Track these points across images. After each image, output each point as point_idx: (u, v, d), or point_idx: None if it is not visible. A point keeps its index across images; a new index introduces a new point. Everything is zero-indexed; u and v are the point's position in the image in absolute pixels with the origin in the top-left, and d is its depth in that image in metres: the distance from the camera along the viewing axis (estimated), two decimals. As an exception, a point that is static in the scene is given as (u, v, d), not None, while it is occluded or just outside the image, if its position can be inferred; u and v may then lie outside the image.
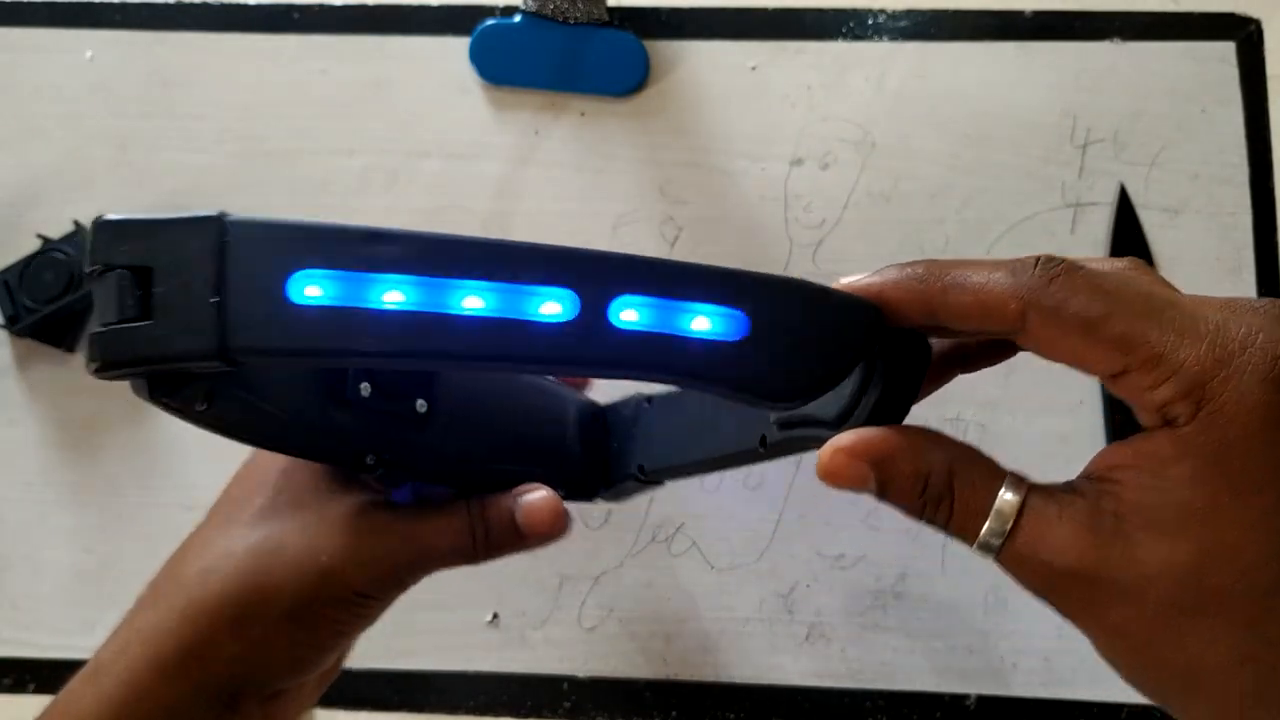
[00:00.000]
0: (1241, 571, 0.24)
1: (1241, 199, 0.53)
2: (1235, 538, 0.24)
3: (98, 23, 0.58)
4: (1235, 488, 0.24)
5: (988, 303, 0.26)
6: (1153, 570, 0.24)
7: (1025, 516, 0.26)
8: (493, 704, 0.49)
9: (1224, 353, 0.24)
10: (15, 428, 0.53)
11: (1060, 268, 0.26)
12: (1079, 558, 0.25)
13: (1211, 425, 0.24)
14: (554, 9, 0.54)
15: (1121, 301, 0.25)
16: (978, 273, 0.26)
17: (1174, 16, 0.56)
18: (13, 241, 0.53)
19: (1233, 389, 0.24)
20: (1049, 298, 0.25)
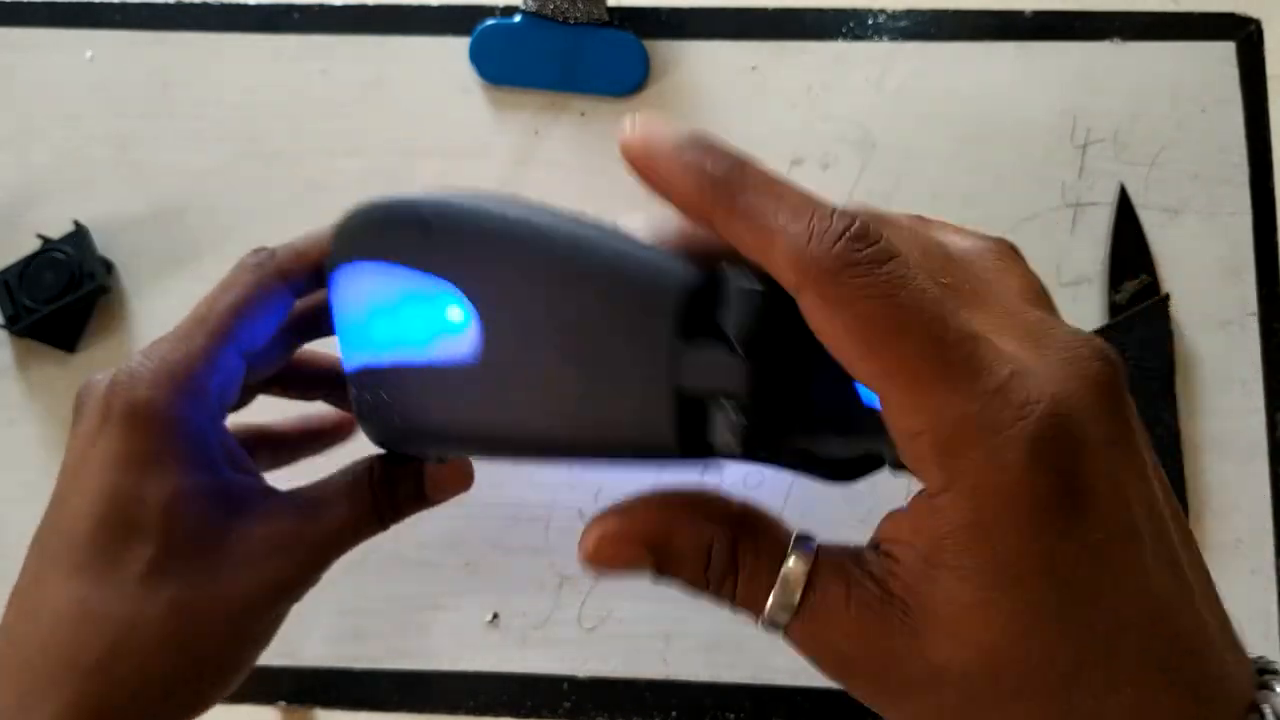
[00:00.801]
0: (1029, 670, 0.21)
1: (1241, 199, 0.53)
2: (1015, 633, 0.21)
3: (98, 23, 0.58)
4: (1000, 579, 0.21)
5: (766, 256, 0.22)
6: (942, 666, 0.22)
7: (813, 594, 0.23)
8: (493, 704, 0.49)
9: (988, 424, 0.20)
10: (15, 428, 0.53)
11: (862, 255, 0.21)
12: (869, 648, 0.22)
13: (965, 503, 0.21)
14: (554, 9, 0.54)
15: (909, 323, 0.21)
16: (776, 210, 0.22)
17: (1174, 16, 0.56)
18: (13, 241, 0.53)
19: (990, 466, 0.20)
20: (831, 287, 0.21)
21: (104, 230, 0.54)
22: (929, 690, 0.22)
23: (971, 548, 0.21)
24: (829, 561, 0.23)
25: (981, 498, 0.21)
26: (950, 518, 0.21)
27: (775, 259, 0.22)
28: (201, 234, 0.54)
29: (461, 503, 0.50)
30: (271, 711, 0.51)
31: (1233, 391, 0.51)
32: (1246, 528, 0.50)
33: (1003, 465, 0.20)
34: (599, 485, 0.50)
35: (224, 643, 0.29)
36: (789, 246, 0.21)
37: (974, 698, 0.22)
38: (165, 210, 0.55)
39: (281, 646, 0.49)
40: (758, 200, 0.22)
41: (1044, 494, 0.20)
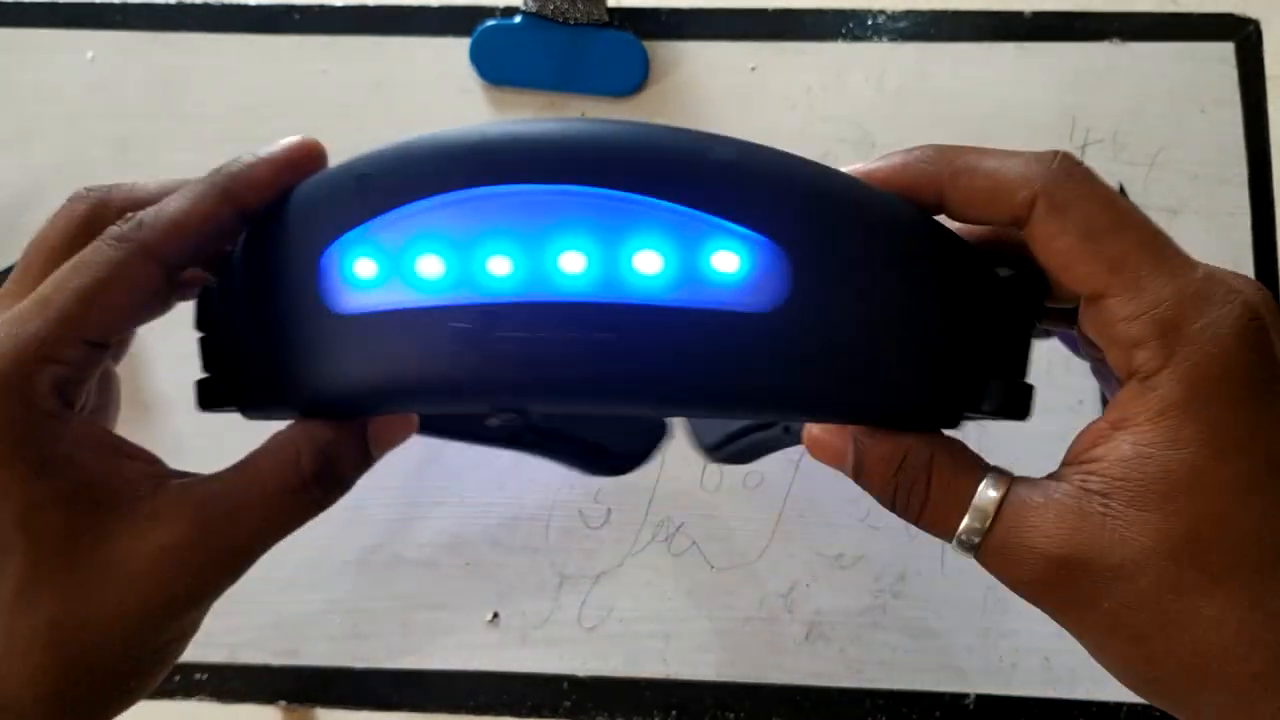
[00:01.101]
0: (1237, 543, 0.22)
1: (1240, 199, 0.53)
2: (1224, 506, 0.22)
3: (98, 23, 0.58)
4: (1216, 450, 0.22)
5: (999, 187, 0.25)
6: (1144, 549, 0.23)
7: (1006, 508, 0.24)
8: (493, 703, 0.49)
9: (1203, 300, 0.23)
10: (16, 428, 0.53)
11: (1080, 168, 0.24)
12: (1065, 543, 0.23)
13: (1183, 376, 0.23)
14: (554, 10, 0.54)
15: (1128, 221, 0.24)
16: (992, 159, 0.25)
17: (1173, 17, 0.56)
18: (13, 241, 0.53)
19: (1208, 338, 0.23)
20: (1061, 192, 0.24)
21: (104, 230, 0.54)
22: (1125, 583, 0.23)
23: (1190, 419, 0.22)
24: (1022, 481, 0.25)
25: (1200, 370, 0.22)
26: (1169, 392, 0.23)
27: (1006, 189, 0.25)
28: (202, 234, 0.54)
29: (462, 503, 0.50)
30: (271, 711, 0.51)
31: (1232, 391, 0.51)
32: (1245, 527, 0.50)
33: (1219, 340, 0.22)
34: (599, 485, 0.50)
35: (119, 657, 0.25)
36: (1015, 174, 0.25)
37: (1176, 578, 0.22)
38: (166, 210, 0.55)
39: (281, 646, 0.49)
40: (973, 158, 0.26)
41: (1254, 371, 0.23)
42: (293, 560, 0.50)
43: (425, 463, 0.50)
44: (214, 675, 0.49)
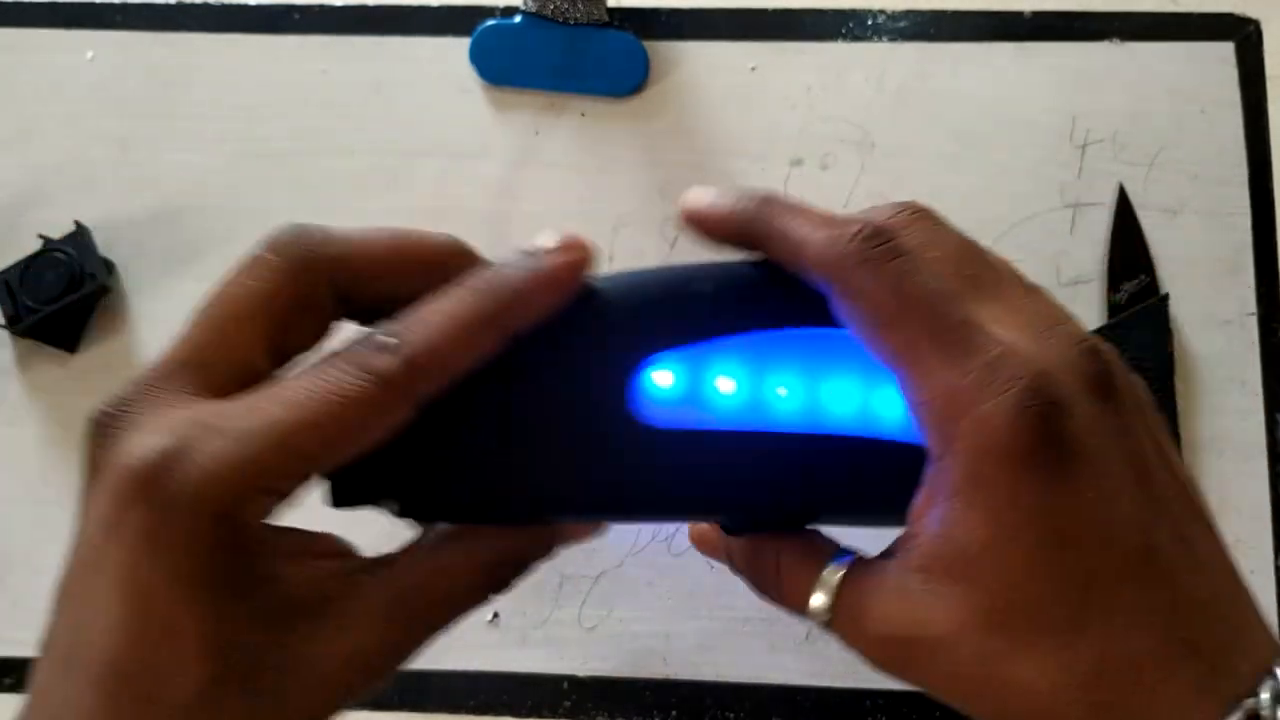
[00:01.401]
0: (1036, 613, 0.24)
1: (1241, 199, 0.53)
2: (1018, 579, 0.24)
3: (98, 23, 0.58)
4: (1001, 528, 0.23)
5: (800, 262, 0.26)
6: (958, 622, 0.24)
7: (844, 590, 0.26)
8: (493, 703, 0.49)
9: (979, 390, 0.23)
10: (15, 428, 0.53)
11: (875, 252, 0.25)
12: (893, 621, 0.25)
13: (962, 463, 0.24)
14: (554, 9, 0.54)
15: (912, 310, 0.24)
16: (803, 227, 0.26)
17: (1173, 17, 0.56)
18: (13, 241, 0.53)
19: (981, 426, 0.23)
20: (851, 279, 0.25)
21: (105, 230, 0.54)
22: (950, 649, 0.24)
23: (973, 500, 0.24)
24: (860, 562, 0.27)
25: (974, 455, 0.24)
26: (952, 477, 0.24)
27: (806, 261, 0.26)
28: (202, 234, 0.54)
29: (462, 503, 0.50)
30: (272, 711, 0.51)
31: (1232, 391, 0.51)
32: (1246, 528, 0.50)
33: (991, 427, 0.23)
34: (599, 485, 0.50)
35: None
36: (815, 249, 0.26)
37: (991, 648, 0.24)
38: (166, 210, 0.55)
39: (282, 646, 0.49)
40: (789, 220, 0.27)
41: (1028, 451, 0.23)
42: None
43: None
44: (214, 675, 0.49)
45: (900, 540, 0.26)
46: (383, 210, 0.54)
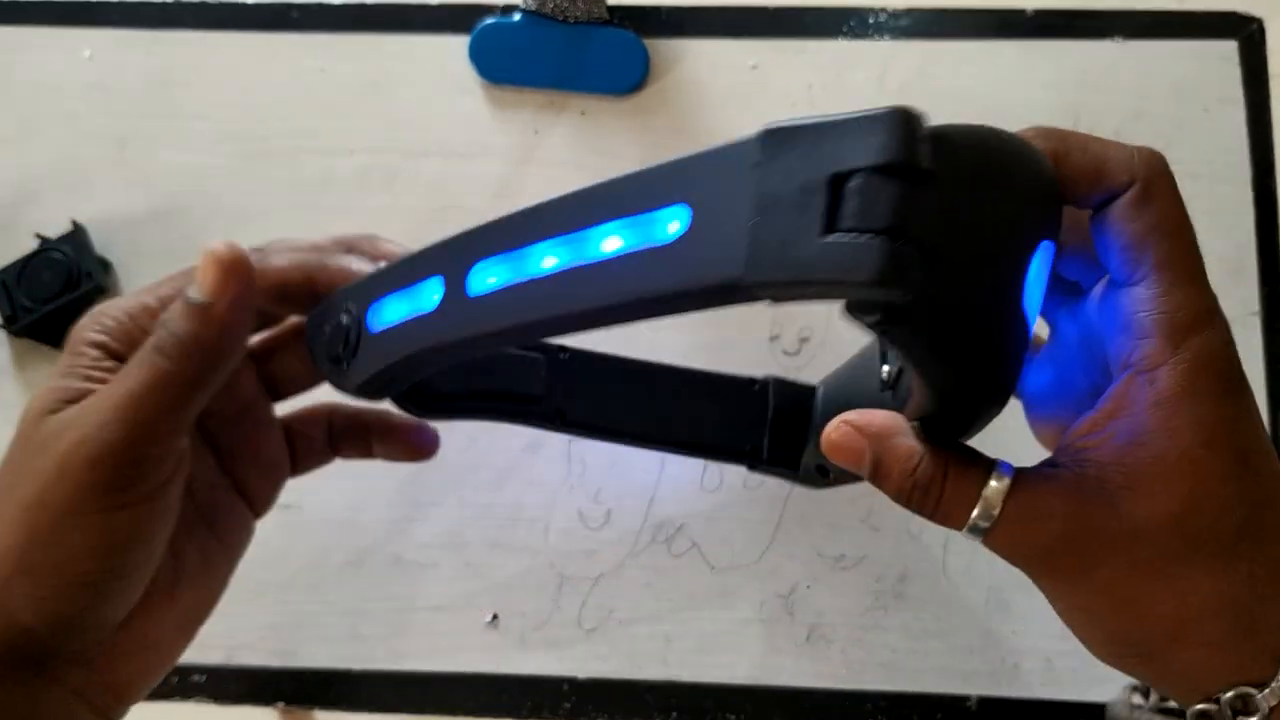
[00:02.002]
0: (1214, 519, 0.26)
1: (1243, 198, 0.53)
2: (1207, 488, 0.26)
3: (97, 22, 0.57)
4: (1204, 439, 0.26)
5: (1104, 166, 0.28)
6: (1137, 524, 0.26)
7: (1012, 496, 0.28)
8: (492, 705, 0.48)
9: (1209, 316, 0.27)
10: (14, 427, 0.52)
11: (1168, 171, 0.29)
12: (1068, 524, 0.27)
13: (1182, 373, 0.26)
14: (554, 8, 0.54)
15: (1185, 232, 0.28)
16: (1099, 142, 0.29)
17: (1176, 15, 0.56)
18: (11, 241, 0.53)
19: (1205, 346, 0.26)
20: (1154, 186, 0.28)
21: (102, 230, 0.54)
22: (1124, 549, 0.27)
23: (1182, 410, 0.26)
24: (1025, 473, 0.28)
25: (1196, 370, 0.26)
26: (1165, 386, 0.26)
27: (1110, 169, 0.28)
28: (200, 234, 0.54)
29: (461, 503, 0.50)
30: (270, 713, 0.51)
31: (1235, 391, 0.51)
32: (1249, 528, 0.49)
33: (1213, 349, 0.27)
34: (598, 486, 0.50)
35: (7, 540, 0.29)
36: (1121, 159, 0.28)
37: (1165, 548, 0.26)
38: (164, 210, 0.55)
39: (280, 648, 0.49)
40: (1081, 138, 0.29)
41: (1234, 378, 0.27)
42: (291, 562, 0.50)
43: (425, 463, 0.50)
44: (212, 677, 0.49)
45: (1067, 451, 0.28)
46: (383, 209, 0.54)
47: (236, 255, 0.31)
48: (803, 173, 0.22)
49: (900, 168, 0.21)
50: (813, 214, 0.22)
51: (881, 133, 0.22)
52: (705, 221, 0.24)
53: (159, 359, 0.30)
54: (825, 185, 0.22)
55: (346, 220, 0.54)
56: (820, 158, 0.22)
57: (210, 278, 0.30)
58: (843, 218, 0.22)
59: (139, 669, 0.33)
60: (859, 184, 0.22)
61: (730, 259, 0.23)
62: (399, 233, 0.54)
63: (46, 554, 0.29)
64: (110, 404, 0.29)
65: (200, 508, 0.35)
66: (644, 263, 0.25)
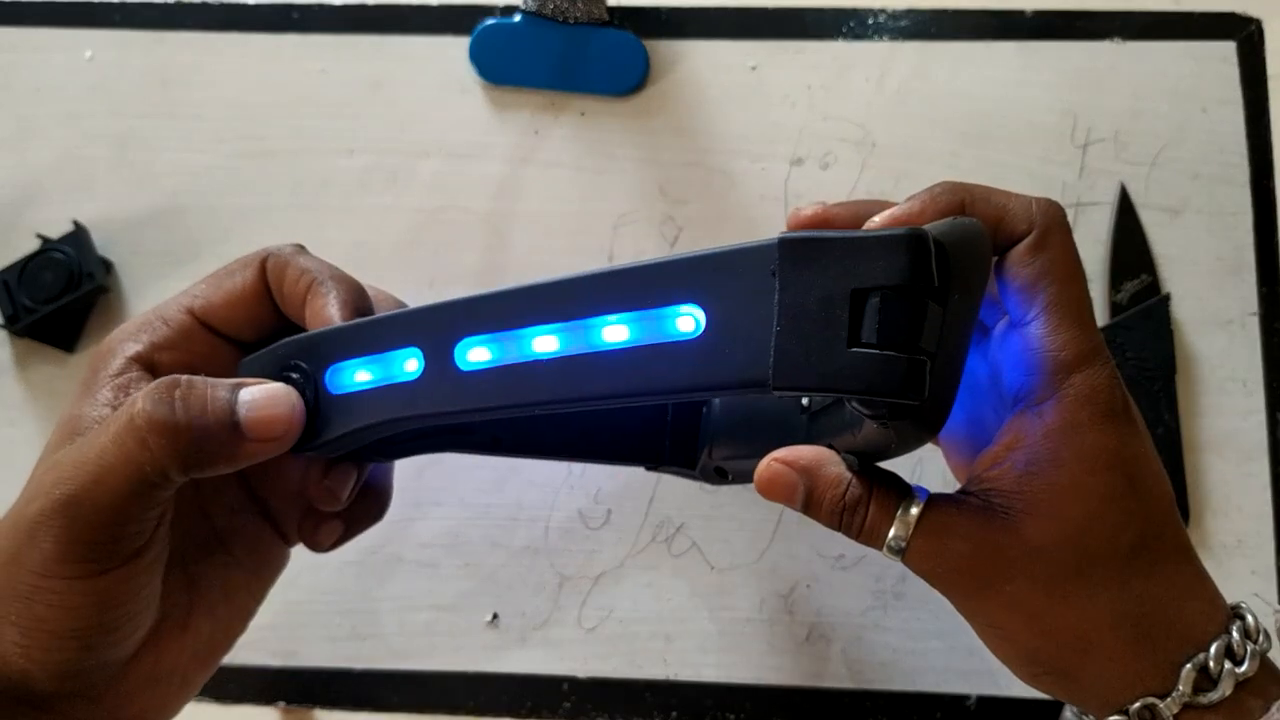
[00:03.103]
0: (1106, 539, 0.29)
1: (1242, 199, 0.53)
2: (1096, 510, 0.28)
3: (97, 22, 0.58)
4: (1089, 467, 0.28)
5: (1006, 217, 0.30)
6: (1036, 545, 0.29)
7: (926, 518, 0.30)
8: (492, 704, 0.48)
9: (1093, 354, 0.29)
10: (15, 428, 0.52)
11: (1065, 221, 0.30)
12: (973, 543, 0.29)
13: (1065, 407, 0.29)
14: (554, 9, 0.54)
15: (1075, 277, 0.30)
16: (1000, 196, 0.30)
17: (1175, 16, 0.56)
18: (12, 241, 0.53)
19: (1088, 380, 0.29)
20: (1048, 235, 0.29)
21: (103, 230, 0.54)
22: (1025, 568, 0.29)
23: (1068, 441, 0.28)
24: (939, 498, 0.30)
25: (1079, 403, 0.28)
26: (1053, 418, 0.29)
27: (1010, 219, 0.30)
28: (201, 234, 0.54)
29: (461, 504, 0.50)
30: (271, 713, 0.51)
31: (1233, 391, 0.51)
32: (1247, 528, 0.49)
33: (1096, 385, 0.29)
34: (598, 486, 0.50)
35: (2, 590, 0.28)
36: (1019, 207, 0.30)
37: (1062, 566, 0.29)
38: (164, 210, 0.55)
39: (281, 647, 0.49)
40: (985, 192, 0.30)
41: (1117, 409, 0.29)
42: (292, 561, 0.50)
43: (425, 464, 0.50)
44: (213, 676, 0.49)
45: (975, 481, 0.30)
46: (383, 209, 0.54)
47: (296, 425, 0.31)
48: (823, 287, 0.25)
49: (916, 290, 0.24)
50: (837, 327, 0.24)
51: (900, 255, 0.24)
52: (724, 323, 0.26)
53: (152, 438, 0.28)
54: (847, 300, 0.24)
55: (347, 220, 0.54)
56: (841, 274, 0.25)
57: (266, 426, 0.30)
58: (865, 332, 0.24)
59: (153, 703, 0.31)
60: (878, 302, 0.24)
61: (756, 362, 0.25)
62: (399, 232, 0.54)
63: (27, 608, 0.28)
64: (88, 470, 0.28)
65: (220, 533, 0.34)
66: (659, 357, 0.26)
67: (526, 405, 0.29)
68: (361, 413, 0.31)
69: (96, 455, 0.28)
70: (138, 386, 0.31)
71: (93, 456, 0.28)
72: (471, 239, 0.54)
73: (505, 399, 0.29)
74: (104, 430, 0.28)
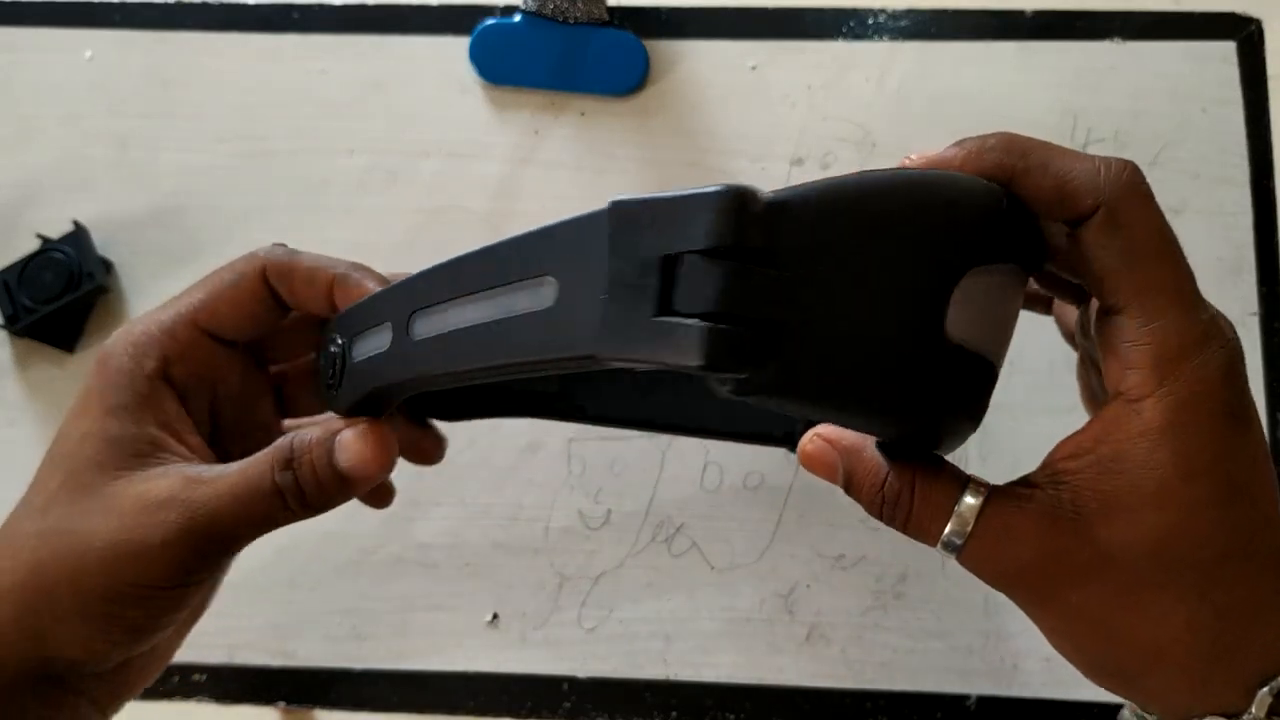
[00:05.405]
0: (1191, 549, 0.26)
1: (1242, 199, 0.53)
2: (1184, 519, 0.26)
3: (97, 22, 0.58)
4: (1184, 472, 0.25)
5: (1067, 189, 0.26)
6: (1110, 551, 0.26)
7: (986, 515, 0.27)
8: (492, 704, 0.48)
9: (1201, 343, 0.26)
10: (15, 428, 0.52)
11: (1143, 187, 0.26)
12: (1040, 547, 0.26)
13: (1167, 406, 0.25)
14: (554, 8, 0.54)
15: (1167, 254, 0.26)
16: (1062, 159, 0.27)
17: (1175, 16, 0.56)
18: (12, 241, 0.53)
19: (1196, 376, 0.25)
20: (1123, 208, 0.26)
21: (103, 230, 0.54)
22: (1096, 576, 0.26)
23: (1165, 444, 0.25)
24: (1000, 491, 0.27)
25: (1182, 403, 0.25)
26: (1150, 418, 0.25)
27: (1073, 192, 0.26)
28: (201, 234, 0.54)
29: (462, 503, 0.50)
30: (270, 712, 0.51)
31: (1234, 391, 0.51)
32: (1247, 528, 0.49)
33: (1204, 379, 0.25)
34: (599, 485, 0.50)
35: (96, 585, 0.29)
36: (1084, 180, 0.26)
37: (1137, 577, 0.26)
38: (165, 210, 0.55)
39: (280, 647, 0.49)
40: (1044, 155, 0.27)
41: (1228, 408, 0.26)
42: (292, 560, 0.50)
43: (425, 463, 0.50)
44: (212, 676, 0.49)
45: (1044, 475, 0.27)
46: (382, 209, 0.54)
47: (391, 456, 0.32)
48: (642, 251, 0.23)
49: (727, 251, 0.22)
50: (649, 295, 0.23)
51: (709, 214, 0.22)
52: (569, 293, 0.25)
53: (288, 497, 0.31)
54: (658, 267, 0.23)
55: (347, 220, 0.54)
56: (656, 238, 0.23)
57: (365, 469, 0.32)
58: (675, 300, 0.22)
59: (142, 673, 0.34)
60: (687, 267, 0.22)
61: (586, 335, 0.24)
62: (399, 233, 0.54)
63: (118, 609, 0.29)
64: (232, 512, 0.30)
65: None
66: (522, 328, 0.26)
67: (445, 375, 0.29)
68: (361, 381, 0.33)
69: (243, 499, 0.30)
70: (172, 404, 0.33)
71: (240, 497, 0.30)
72: (471, 239, 0.53)
73: (433, 368, 0.29)
74: (242, 479, 0.30)
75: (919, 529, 0.28)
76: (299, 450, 0.31)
